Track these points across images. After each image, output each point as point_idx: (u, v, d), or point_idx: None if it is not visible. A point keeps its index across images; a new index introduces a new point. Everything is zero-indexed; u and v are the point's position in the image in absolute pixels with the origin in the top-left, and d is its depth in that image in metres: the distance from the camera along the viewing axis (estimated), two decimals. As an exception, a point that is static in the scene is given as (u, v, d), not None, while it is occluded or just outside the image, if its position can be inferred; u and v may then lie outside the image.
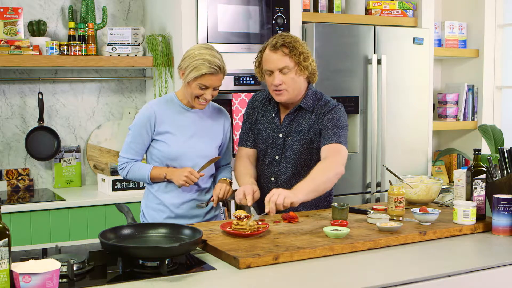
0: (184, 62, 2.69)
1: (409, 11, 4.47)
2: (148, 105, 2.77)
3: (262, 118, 2.83)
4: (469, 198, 2.60)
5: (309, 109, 2.73)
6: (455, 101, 4.86)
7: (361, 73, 4.13)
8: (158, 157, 2.74)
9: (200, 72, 2.62)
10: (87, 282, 1.88)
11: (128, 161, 2.77)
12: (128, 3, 4.15)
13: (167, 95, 2.83)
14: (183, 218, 2.75)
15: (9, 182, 3.81)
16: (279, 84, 2.65)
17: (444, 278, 2.00)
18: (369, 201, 4.18)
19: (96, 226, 3.46)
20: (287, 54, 2.63)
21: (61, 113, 3.98)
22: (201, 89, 2.66)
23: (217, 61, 2.65)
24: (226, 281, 1.92)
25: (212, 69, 2.62)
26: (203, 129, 2.78)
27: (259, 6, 3.84)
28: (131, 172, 2.76)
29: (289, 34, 2.71)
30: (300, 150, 2.72)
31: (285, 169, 2.75)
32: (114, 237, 2.15)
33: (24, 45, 3.57)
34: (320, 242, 2.21)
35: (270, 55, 2.66)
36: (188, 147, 2.73)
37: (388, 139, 4.23)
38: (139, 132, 2.73)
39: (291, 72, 2.65)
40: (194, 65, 2.63)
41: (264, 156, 2.80)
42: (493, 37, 4.86)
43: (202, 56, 2.63)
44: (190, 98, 2.71)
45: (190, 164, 2.73)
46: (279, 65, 2.64)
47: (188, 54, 2.69)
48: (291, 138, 2.74)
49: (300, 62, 2.65)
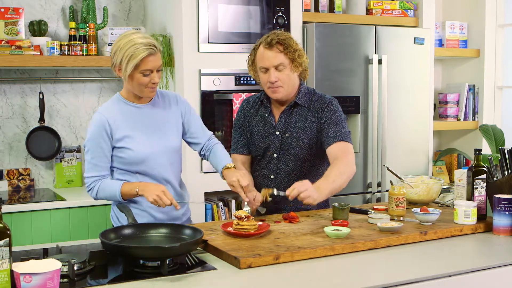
0: (116, 58, 2.47)
1: (409, 11, 4.47)
2: (97, 113, 2.54)
3: (254, 120, 2.81)
4: (469, 198, 2.60)
5: (305, 104, 2.74)
6: (456, 101, 4.86)
7: (361, 73, 4.13)
8: (124, 164, 2.54)
9: (138, 57, 2.41)
10: (88, 282, 1.88)
11: (95, 179, 2.52)
12: (129, 3, 4.15)
13: (113, 98, 2.61)
14: (163, 222, 2.57)
15: (10, 182, 3.81)
16: (275, 81, 2.65)
17: (445, 278, 2.00)
18: (370, 201, 4.17)
19: (96, 226, 3.46)
20: (282, 51, 2.63)
21: (62, 113, 3.98)
22: (145, 76, 2.45)
23: (150, 40, 2.46)
24: (227, 281, 1.92)
25: (150, 49, 2.43)
26: (160, 121, 2.60)
27: (259, 6, 3.84)
28: (101, 191, 2.51)
29: (282, 32, 2.71)
30: (299, 145, 2.72)
31: (284, 166, 2.74)
32: (115, 237, 2.16)
33: (25, 45, 3.57)
34: (320, 242, 2.22)
35: (265, 53, 2.65)
36: (152, 146, 2.55)
37: (389, 139, 4.22)
38: (97, 144, 2.50)
39: (286, 69, 2.65)
40: (129, 54, 2.42)
41: (261, 156, 2.79)
42: (494, 37, 4.86)
43: (133, 42, 2.43)
44: (138, 90, 2.51)
45: (160, 163, 2.57)
46: (274, 62, 2.63)
47: (116, 48, 2.47)
48: (288, 134, 2.73)
49: (295, 59, 2.65)
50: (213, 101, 3.73)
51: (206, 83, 3.70)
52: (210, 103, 3.72)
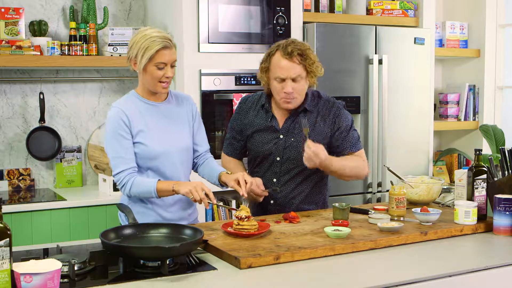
0: (132, 51, 2.53)
1: (410, 11, 4.47)
2: (113, 108, 2.57)
3: (255, 123, 2.77)
4: (470, 198, 2.60)
5: (312, 110, 2.73)
6: (456, 101, 4.86)
7: (362, 73, 4.13)
8: (137, 159, 2.54)
9: (153, 49, 2.47)
10: (88, 282, 1.88)
11: (126, 174, 2.51)
12: (129, 3, 4.15)
13: (127, 94, 2.65)
14: (170, 221, 2.57)
15: (10, 182, 3.81)
16: (291, 93, 2.61)
17: (445, 278, 2.00)
18: (370, 201, 4.17)
19: (97, 226, 3.46)
20: (301, 62, 2.59)
21: (62, 113, 3.98)
22: (159, 69, 2.50)
23: (166, 34, 2.53)
24: (227, 281, 1.92)
25: (165, 42, 2.49)
26: (174, 120, 2.63)
27: (260, 6, 3.84)
28: (135, 187, 2.49)
29: (300, 42, 2.66)
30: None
31: (288, 169, 2.74)
32: (115, 237, 2.15)
33: (25, 45, 3.57)
34: (321, 242, 2.22)
35: (283, 62, 2.59)
36: (165, 143, 2.57)
37: (389, 139, 4.22)
38: (120, 137, 2.51)
39: (302, 80, 2.62)
40: (145, 46, 2.48)
41: (262, 159, 2.78)
42: (494, 37, 4.86)
43: (149, 35, 2.50)
44: (152, 84, 2.55)
45: (172, 161, 2.58)
46: (292, 74, 2.59)
47: (133, 42, 2.54)
48: (294, 139, 2.71)
49: (312, 71, 2.62)
50: (213, 101, 3.73)
51: (206, 83, 3.70)
52: (210, 103, 3.72)
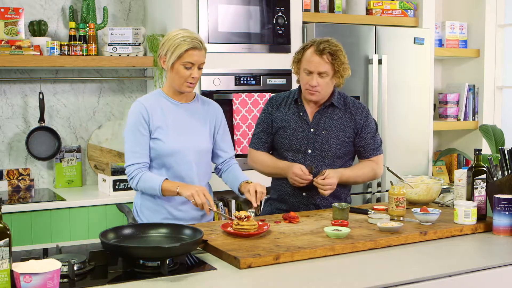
0: (163, 48, 2.63)
1: (409, 11, 4.47)
2: (136, 102, 2.68)
3: (286, 117, 2.89)
4: (469, 198, 2.60)
5: (340, 106, 2.88)
6: (456, 101, 4.86)
7: (361, 73, 4.13)
8: (156, 156, 2.63)
9: (183, 48, 2.57)
10: (88, 282, 1.88)
11: (137, 167, 2.59)
12: (129, 3, 4.15)
13: (154, 91, 2.74)
14: (181, 220, 2.65)
15: (10, 182, 3.81)
16: (315, 86, 2.76)
17: (445, 278, 2.00)
18: (370, 201, 4.17)
19: (96, 226, 3.46)
20: (330, 61, 2.76)
21: (62, 113, 3.98)
22: (186, 69, 2.59)
23: (197, 36, 2.63)
24: (227, 281, 1.92)
25: (195, 42, 2.59)
26: (194, 122, 2.70)
27: (259, 6, 3.84)
28: (142, 182, 2.58)
29: (334, 42, 2.82)
30: (336, 142, 2.84)
31: (319, 161, 2.84)
32: (115, 237, 2.16)
33: (25, 45, 3.57)
34: (320, 242, 2.22)
35: (314, 57, 2.76)
36: (182, 142, 2.64)
37: (389, 139, 4.22)
38: (137, 132, 2.61)
39: (328, 77, 2.78)
40: (175, 44, 2.58)
41: (294, 152, 2.86)
42: (494, 37, 4.86)
43: (181, 35, 2.59)
44: (178, 83, 2.63)
45: (187, 160, 2.64)
46: (320, 69, 2.75)
47: (165, 39, 2.64)
48: (324, 132, 2.85)
49: (339, 71, 2.79)
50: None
51: (206, 83, 3.70)
52: (210, 103, 3.72)
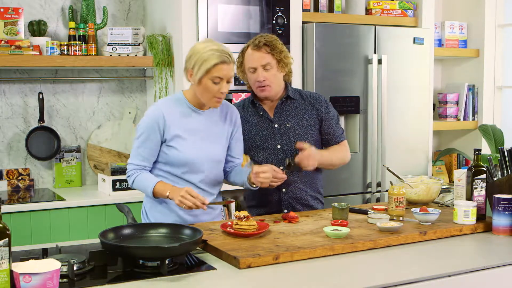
0: (190, 61, 2.52)
1: (409, 11, 4.47)
2: (156, 106, 2.61)
3: (248, 120, 2.88)
4: (469, 198, 2.60)
5: (297, 97, 2.90)
6: (456, 101, 4.86)
7: (361, 73, 4.13)
8: (168, 162, 2.58)
9: (211, 62, 2.45)
10: (88, 282, 1.88)
11: (135, 167, 2.58)
12: (129, 3, 4.15)
13: (175, 95, 2.66)
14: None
15: (9, 182, 3.81)
16: (263, 80, 2.78)
17: (445, 278, 2.00)
18: (370, 201, 4.17)
19: (96, 226, 3.46)
20: (269, 52, 2.77)
21: (61, 113, 3.98)
22: (215, 83, 2.49)
23: (225, 48, 2.51)
24: (227, 281, 1.92)
25: (224, 57, 2.47)
26: (212, 131, 2.64)
27: (259, 6, 3.84)
28: (137, 182, 2.58)
29: (268, 34, 2.85)
30: (303, 132, 2.86)
31: (290, 155, 2.83)
32: (115, 237, 2.16)
33: (25, 45, 3.57)
34: (320, 242, 2.22)
35: (254, 54, 2.79)
36: (198, 151, 2.58)
37: (389, 139, 4.22)
38: (147, 136, 2.55)
39: (273, 69, 2.80)
40: (204, 58, 2.46)
41: (263, 150, 2.87)
42: (494, 37, 4.86)
43: (209, 48, 2.48)
44: (205, 98, 2.54)
45: (200, 169, 2.59)
46: (262, 62, 2.77)
47: (192, 52, 2.53)
48: (289, 125, 2.87)
49: (282, 60, 2.80)
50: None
51: (205, 83, 3.70)
52: (210, 103, 3.72)
